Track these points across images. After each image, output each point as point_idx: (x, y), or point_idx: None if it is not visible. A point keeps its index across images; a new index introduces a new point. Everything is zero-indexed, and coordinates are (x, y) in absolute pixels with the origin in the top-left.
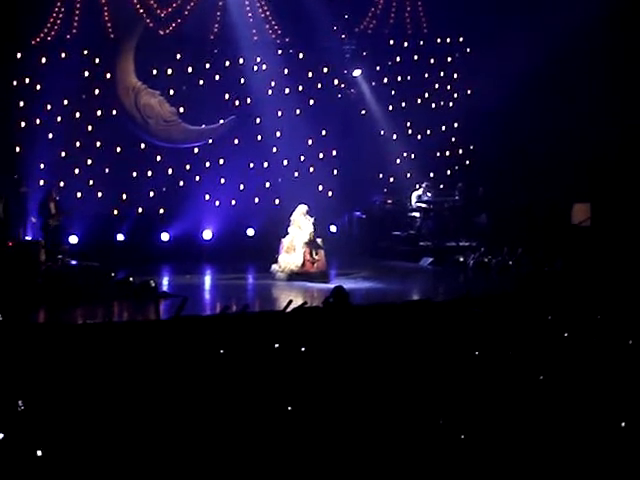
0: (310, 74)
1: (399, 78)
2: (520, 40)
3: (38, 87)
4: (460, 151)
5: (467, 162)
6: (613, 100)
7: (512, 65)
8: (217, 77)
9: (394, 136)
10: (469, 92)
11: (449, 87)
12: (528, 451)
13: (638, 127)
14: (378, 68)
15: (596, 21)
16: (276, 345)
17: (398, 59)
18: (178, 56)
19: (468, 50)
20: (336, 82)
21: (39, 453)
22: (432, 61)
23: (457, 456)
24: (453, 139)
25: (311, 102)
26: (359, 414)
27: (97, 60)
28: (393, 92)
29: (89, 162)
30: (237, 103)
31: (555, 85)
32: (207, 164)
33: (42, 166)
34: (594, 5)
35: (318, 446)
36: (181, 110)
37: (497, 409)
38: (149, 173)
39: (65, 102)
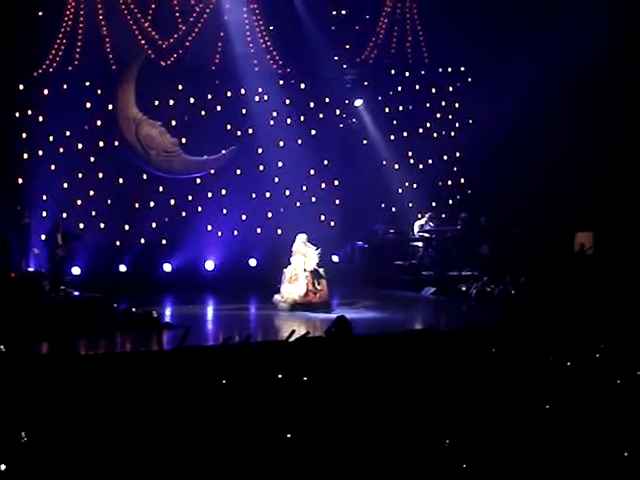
0: (312, 104)
1: (400, 108)
2: (521, 70)
3: (40, 118)
4: (462, 180)
5: (469, 191)
6: (615, 129)
7: (514, 94)
8: (219, 107)
9: (396, 166)
10: (471, 121)
11: (451, 116)
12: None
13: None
14: (379, 98)
15: (597, 50)
16: (279, 375)
17: (399, 89)
18: (179, 87)
19: (469, 79)
20: (337, 112)
21: None
22: (433, 90)
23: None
24: (455, 168)
25: (313, 132)
26: (362, 444)
27: (99, 91)
28: (395, 122)
29: (91, 193)
30: (239, 133)
31: (557, 114)
32: (209, 194)
33: (44, 197)
34: (595, 35)
35: (321, 476)
36: (183, 141)
37: (501, 439)
38: (151, 204)
39: (67, 133)
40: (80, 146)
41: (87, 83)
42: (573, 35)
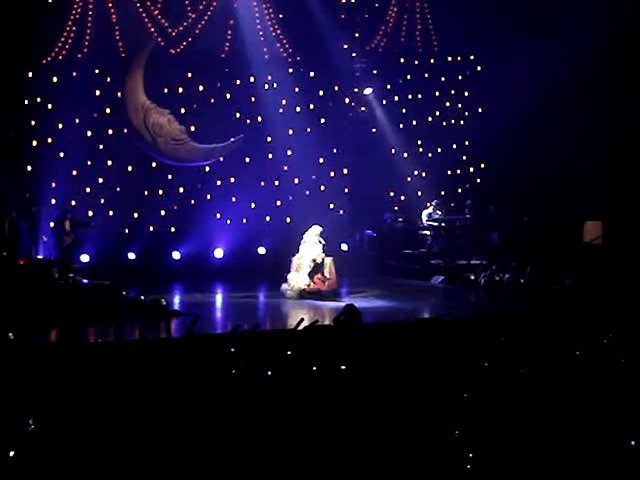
0: (321, 92)
1: (410, 96)
2: (531, 58)
3: (49, 106)
4: (471, 169)
5: (478, 180)
6: (625, 118)
7: (523, 83)
8: (228, 96)
9: (405, 154)
10: (480, 110)
11: (460, 105)
12: (540, 468)
13: None
14: (389, 86)
15: (609, 38)
16: (287, 363)
17: (409, 77)
18: (189, 75)
19: (479, 68)
20: (347, 100)
21: (50, 472)
22: (443, 79)
23: (467, 473)
24: (464, 157)
25: (322, 120)
26: (370, 431)
27: (108, 79)
28: (404, 110)
29: (100, 181)
30: (248, 121)
31: (566, 102)
32: (218, 183)
33: (53, 185)
34: (607, 22)
35: (330, 464)
36: (192, 129)
37: (509, 428)
38: (160, 192)
39: (76, 121)
40: (89, 134)
41: (96, 71)
42: (585, 22)
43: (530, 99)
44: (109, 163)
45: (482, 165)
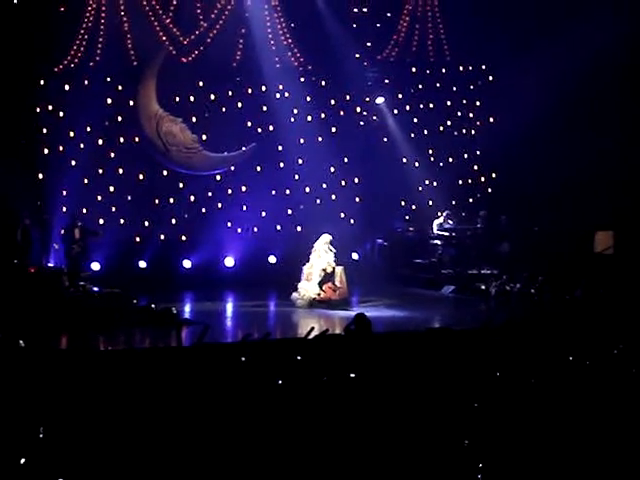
0: (332, 101)
1: (421, 105)
2: (542, 67)
3: (61, 114)
4: (482, 179)
5: (489, 190)
6: (636, 127)
7: (534, 92)
8: (239, 104)
9: (416, 164)
10: (491, 120)
11: (471, 115)
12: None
13: None
14: (400, 96)
15: (620, 49)
16: (297, 372)
17: (420, 87)
18: (200, 83)
19: (490, 78)
20: (358, 109)
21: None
22: (454, 89)
23: None
24: (475, 167)
25: (333, 129)
26: (380, 440)
27: (120, 87)
28: (415, 119)
29: (111, 189)
30: (259, 130)
31: (578, 112)
32: (229, 191)
33: (65, 193)
34: (618, 31)
35: (340, 472)
36: (203, 137)
37: (519, 438)
38: (171, 200)
39: (88, 129)
40: (100, 142)
41: (108, 79)
42: (595, 34)
43: (541, 109)
44: (120, 171)
45: (493, 175)
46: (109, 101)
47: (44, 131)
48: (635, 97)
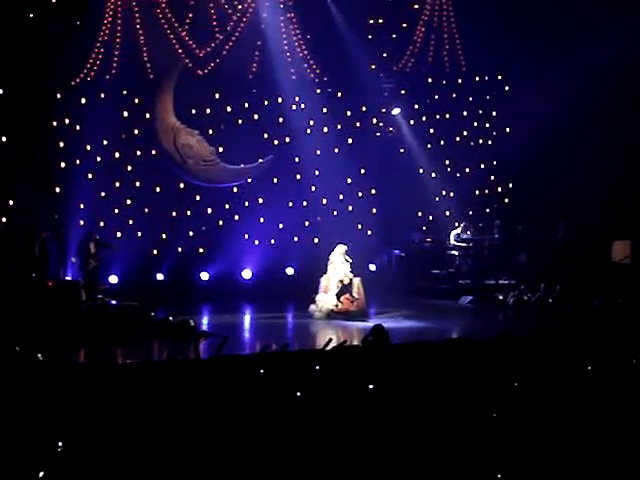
0: (349, 113)
1: (437, 116)
2: (558, 78)
3: (78, 127)
4: (499, 189)
5: (506, 200)
6: None
7: (550, 103)
8: (256, 116)
9: (433, 174)
10: (507, 130)
11: (488, 125)
12: None
13: None
14: (417, 106)
15: (637, 57)
16: (316, 384)
17: (436, 97)
18: (217, 95)
19: (507, 88)
20: (375, 121)
21: None
22: (470, 99)
23: None
24: (492, 177)
25: (350, 141)
26: (399, 451)
27: (136, 100)
28: (432, 130)
29: (128, 202)
30: (276, 142)
31: (594, 121)
32: (246, 203)
33: (82, 206)
34: (635, 40)
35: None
36: (220, 150)
37: (537, 448)
38: (188, 212)
39: (105, 142)
40: (117, 155)
41: (124, 92)
42: (612, 45)
43: (558, 119)
44: (137, 184)
45: (510, 185)
46: (126, 114)
47: (61, 145)
48: None
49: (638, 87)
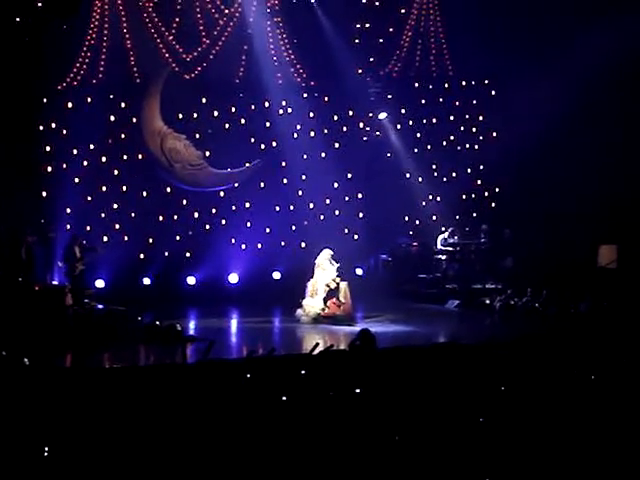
0: (335, 117)
1: (424, 121)
2: (545, 82)
3: (64, 132)
4: (486, 193)
5: (493, 204)
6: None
7: (537, 107)
8: (242, 121)
9: (420, 179)
10: (494, 134)
11: (474, 129)
12: None
13: None
14: (403, 111)
15: (620, 65)
16: (302, 388)
17: (423, 102)
18: (203, 100)
19: (493, 92)
20: (361, 125)
21: None
22: (457, 103)
23: None
24: (479, 181)
25: (336, 145)
26: (385, 455)
27: (123, 104)
28: (418, 135)
29: (115, 206)
30: (263, 146)
31: (580, 126)
32: (233, 208)
33: (68, 210)
34: (620, 50)
35: None
36: (207, 154)
37: (525, 453)
38: (175, 217)
39: (91, 147)
40: (104, 159)
41: (111, 96)
42: (598, 47)
43: (544, 123)
44: (124, 188)
45: (497, 189)
46: (112, 118)
47: (47, 149)
48: (638, 111)
49: (624, 91)
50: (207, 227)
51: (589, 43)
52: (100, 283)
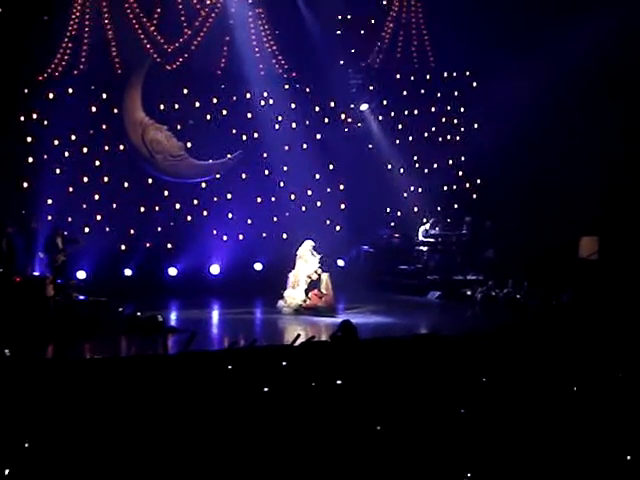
0: (317, 108)
1: (406, 112)
2: (527, 74)
3: (45, 122)
4: (467, 185)
5: (474, 196)
6: (621, 135)
7: (519, 99)
8: (224, 112)
9: (401, 170)
10: (476, 126)
11: (456, 121)
12: None
13: None
14: (385, 102)
15: (603, 56)
16: (284, 380)
17: (405, 93)
18: (185, 91)
19: (475, 84)
20: (343, 116)
21: None
22: (439, 95)
23: None
24: (460, 173)
25: (318, 136)
26: (367, 446)
27: (104, 95)
28: (400, 126)
29: (96, 197)
30: (244, 138)
31: (562, 118)
32: (215, 199)
33: (50, 201)
34: (603, 41)
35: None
36: (188, 145)
37: (506, 445)
38: (157, 208)
39: (72, 137)
40: (85, 150)
41: (92, 87)
42: (579, 40)
43: (526, 115)
44: (105, 179)
45: (478, 181)
46: (94, 109)
47: (28, 140)
48: (619, 104)
49: (606, 83)
50: (188, 218)
51: (571, 36)
52: (82, 274)
